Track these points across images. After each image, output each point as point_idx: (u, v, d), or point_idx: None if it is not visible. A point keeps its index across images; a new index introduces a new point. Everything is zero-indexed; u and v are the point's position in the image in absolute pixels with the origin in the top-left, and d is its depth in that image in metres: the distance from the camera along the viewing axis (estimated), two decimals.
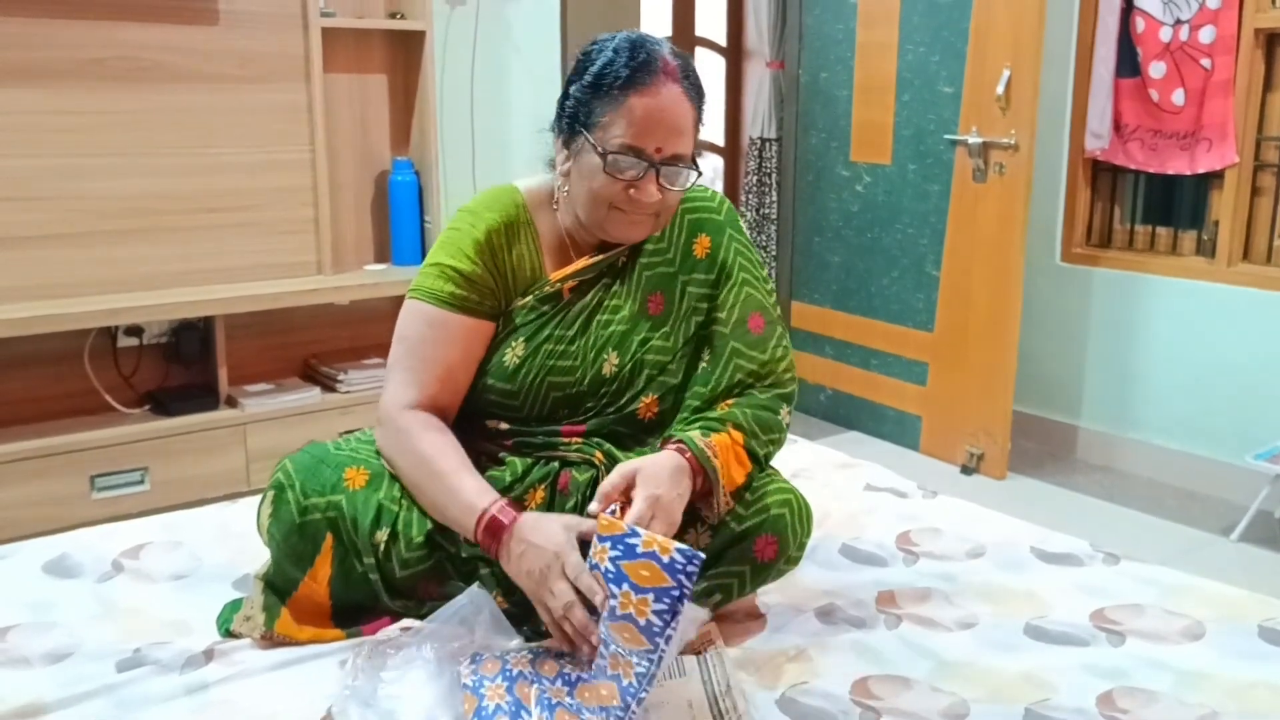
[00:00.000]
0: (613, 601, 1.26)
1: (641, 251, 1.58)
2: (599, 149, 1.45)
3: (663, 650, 1.22)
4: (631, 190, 1.46)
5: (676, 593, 1.23)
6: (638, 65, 1.44)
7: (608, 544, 1.28)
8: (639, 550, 1.25)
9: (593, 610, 1.28)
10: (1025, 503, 3.31)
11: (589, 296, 1.56)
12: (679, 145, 1.47)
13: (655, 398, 1.55)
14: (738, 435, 1.48)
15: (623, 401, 1.54)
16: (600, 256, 1.56)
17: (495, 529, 1.35)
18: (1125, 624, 1.55)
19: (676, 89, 1.46)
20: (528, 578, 1.32)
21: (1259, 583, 2.67)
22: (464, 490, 1.39)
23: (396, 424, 1.46)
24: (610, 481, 1.37)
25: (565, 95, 1.51)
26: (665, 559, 1.23)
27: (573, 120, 1.49)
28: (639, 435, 1.55)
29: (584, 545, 1.33)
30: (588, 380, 1.53)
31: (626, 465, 1.39)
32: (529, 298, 1.54)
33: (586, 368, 1.53)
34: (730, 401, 1.53)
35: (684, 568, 1.22)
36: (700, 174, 1.52)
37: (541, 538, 1.32)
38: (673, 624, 1.23)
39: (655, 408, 1.55)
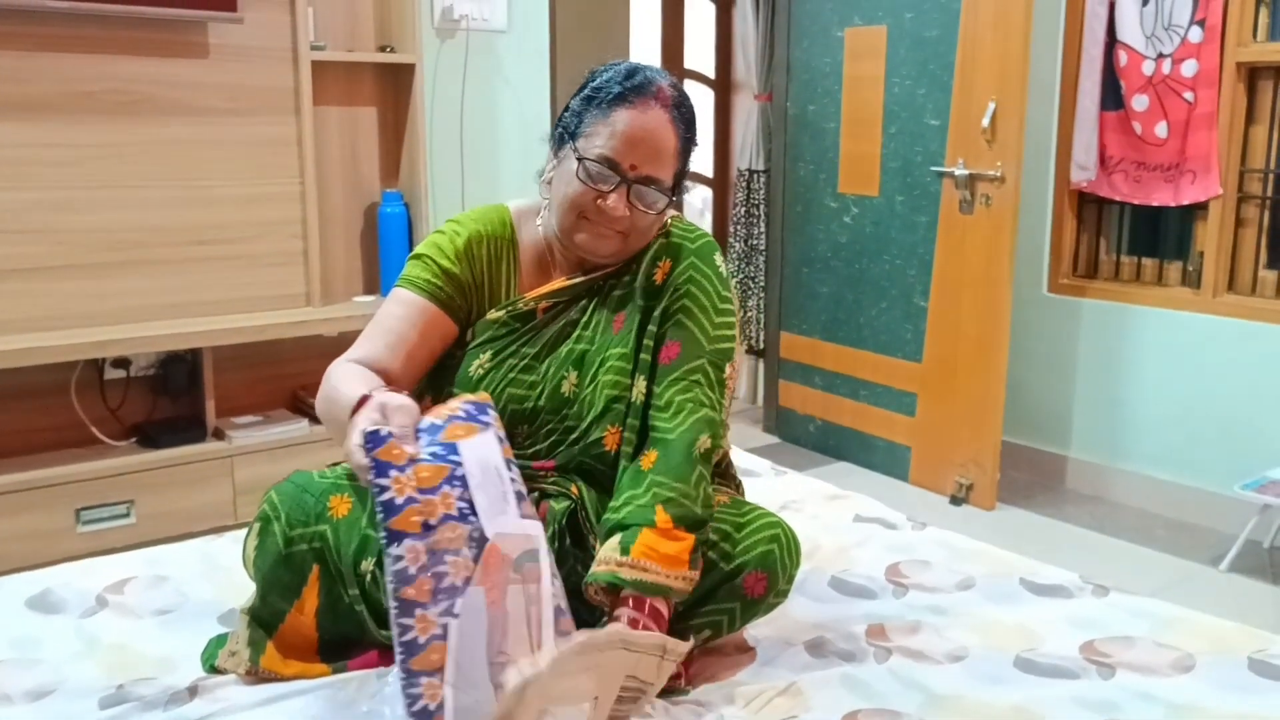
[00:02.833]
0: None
1: (616, 274, 1.58)
2: (578, 155, 1.49)
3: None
4: (600, 201, 1.49)
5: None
6: (632, 85, 1.49)
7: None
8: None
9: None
10: (1015, 533, 3.31)
11: (562, 318, 1.57)
12: (655, 168, 1.49)
13: (618, 429, 1.52)
14: (665, 520, 1.40)
15: (586, 427, 1.52)
16: (579, 279, 1.57)
17: (360, 403, 1.32)
18: (1115, 656, 1.54)
19: (664, 114, 1.49)
20: None
21: (1248, 613, 2.68)
22: (352, 391, 1.37)
23: (328, 371, 1.49)
24: None
25: (565, 108, 1.57)
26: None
27: (564, 129, 1.54)
28: (610, 471, 1.52)
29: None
30: (545, 397, 1.53)
31: None
32: (501, 313, 1.56)
33: (546, 384, 1.53)
34: (651, 456, 1.45)
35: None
36: (671, 200, 1.53)
37: (350, 431, 1.29)
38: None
39: (619, 438, 1.52)
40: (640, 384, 1.52)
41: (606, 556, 1.40)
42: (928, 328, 3.70)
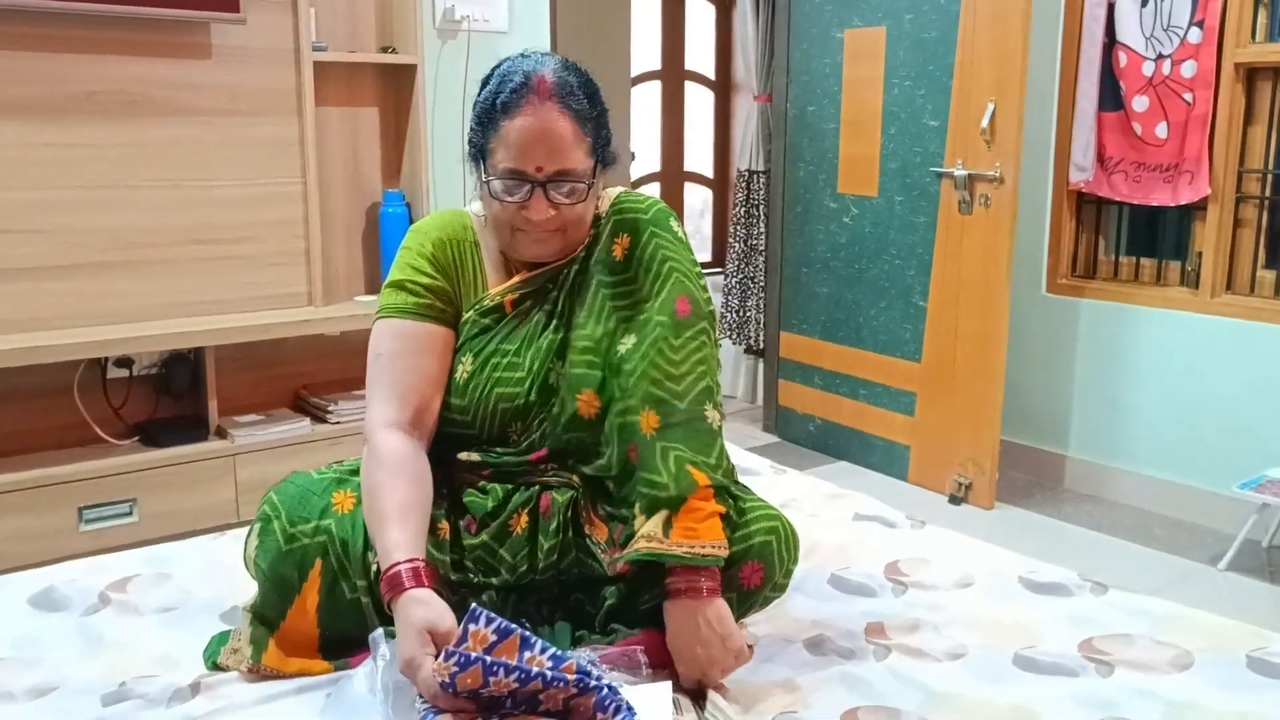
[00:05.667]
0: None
1: (577, 260, 1.58)
2: (485, 177, 1.50)
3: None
4: (523, 211, 1.48)
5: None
6: (511, 89, 1.47)
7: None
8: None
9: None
10: (1013, 532, 3.32)
11: (533, 310, 1.57)
12: (561, 161, 1.47)
13: (592, 392, 1.51)
14: (704, 481, 1.42)
15: (563, 404, 1.52)
16: (540, 270, 1.57)
17: (393, 584, 1.32)
18: (1114, 654, 1.55)
19: (551, 106, 1.46)
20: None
21: (1247, 611, 2.69)
22: (387, 537, 1.36)
23: (372, 443, 1.47)
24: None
25: (471, 128, 1.56)
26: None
27: (472, 149, 1.54)
28: (592, 446, 1.52)
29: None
30: (535, 391, 1.52)
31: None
32: (471, 312, 1.56)
33: (533, 378, 1.53)
34: (654, 422, 1.44)
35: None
36: (590, 185, 1.51)
37: (402, 631, 1.28)
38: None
39: (595, 403, 1.51)
40: (619, 344, 1.51)
41: (650, 532, 1.39)
42: (927, 327, 3.71)
